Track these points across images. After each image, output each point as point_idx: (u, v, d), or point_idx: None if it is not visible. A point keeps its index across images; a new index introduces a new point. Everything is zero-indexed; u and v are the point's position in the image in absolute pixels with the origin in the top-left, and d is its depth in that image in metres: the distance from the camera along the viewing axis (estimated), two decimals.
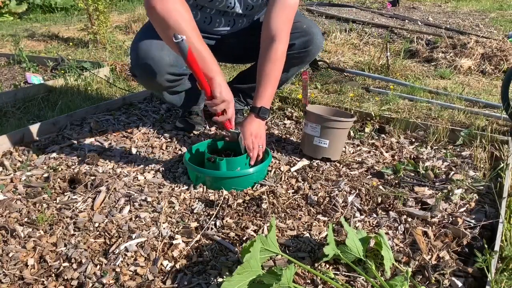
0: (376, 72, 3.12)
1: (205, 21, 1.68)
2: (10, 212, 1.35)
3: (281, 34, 1.53)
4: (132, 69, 1.63)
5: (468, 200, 1.43)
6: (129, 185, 1.51)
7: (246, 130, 1.55)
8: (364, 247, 1.13)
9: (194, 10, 1.65)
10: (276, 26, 1.53)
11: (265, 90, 1.57)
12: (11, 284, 1.07)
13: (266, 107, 1.57)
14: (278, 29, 1.53)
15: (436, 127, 1.92)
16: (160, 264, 1.14)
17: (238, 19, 1.71)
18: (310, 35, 1.71)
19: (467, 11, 6.25)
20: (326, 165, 1.69)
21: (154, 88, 1.73)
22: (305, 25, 1.71)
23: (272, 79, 1.56)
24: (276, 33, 1.53)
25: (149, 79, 1.60)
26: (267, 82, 1.56)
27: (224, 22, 1.70)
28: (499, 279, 1.02)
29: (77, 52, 3.76)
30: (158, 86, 1.65)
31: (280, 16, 1.53)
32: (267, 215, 1.35)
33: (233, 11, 1.64)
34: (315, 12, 5.30)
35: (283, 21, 1.54)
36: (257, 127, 1.57)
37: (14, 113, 2.23)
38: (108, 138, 1.91)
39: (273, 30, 1.53)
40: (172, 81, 1.64)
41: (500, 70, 3.23)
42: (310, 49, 1.74)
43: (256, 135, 1.56)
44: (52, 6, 6.39)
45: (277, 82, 1.60)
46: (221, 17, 1.67)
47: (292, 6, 1.54)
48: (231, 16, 1.67)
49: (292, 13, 1.56)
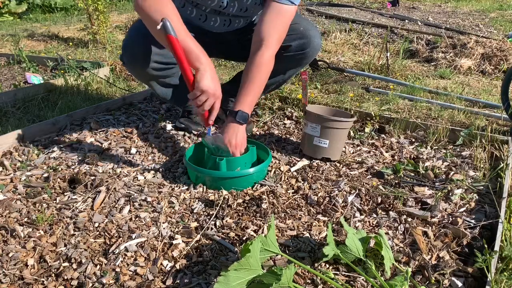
0: (376, 72, 3.12)
1: (200, 19, 1.69)
2: (10, 212, 1.35)
3: (269, 40, 1.51)
4: (121, 56, 1.65)
5: (468, 200, 1.43)
6: (129, 185, 1.51)
7: (224, 137, 1.52)
8: (364, 247, 1.13)
9: (189, 7, 1.66)
10: (265, 31, 1.50)
11: (245, 94, 1.53)
12: (11, 284, 1.07)
13: (244, 111, 1.51)
14: (267, 34, 1.50)
15: (436, 127, 1.92)
16: (160, 264, 1.14)
17: (234, 19, 1.71)
18: (307, 38, 1.69)
19: (467, 11, 6.25)
20: (326, 165, 1.69)
21: (142, 77, 1.73)
22: (302, 27, 1.69)
23: (254, 84, 1.53)
24: (264, 38, 1.50)
25: (136, 66, 1.63)
26: (249, 86, 1.53)
27: (220, 22, 1.70)
28: (499, 279, 1.02)
29: (77, 52, 3.76)
30: (145, 74, 1.66)
31: (271, 21, 1.51)
32: (267, 215, 1.35)
33: (227, 12, 1.63)
34: (315, 12, 5.29)
35: (274, 27, 1.51)
36: (233, 133, 1.52)
37: (14, 113, 2.23)
38: (108, 138, 1.91)
39: (262, 35, 1.51)
40: (159, 69, 1.65)
41: (500, 70, 3.23)
42: (307, 51, 1.72)
43: (236, 145, 1.52)
44: (52, 6, 6.39)
45: (261, 87, 1.56)
46: (216, 16, 1.67)
47: (286, 12, 1.51)
48: (227, 16, 1.67)
49: (286, 19, 1.53)
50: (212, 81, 1.36)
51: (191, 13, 1.67)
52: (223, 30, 1.75)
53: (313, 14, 5.25)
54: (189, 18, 1.70)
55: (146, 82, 1.76)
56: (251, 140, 1.66)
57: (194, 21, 1.70)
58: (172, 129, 2.02)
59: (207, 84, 1.35)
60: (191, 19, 1.70)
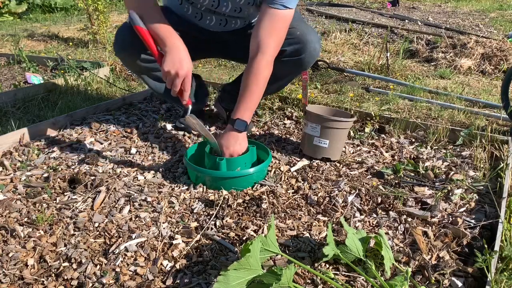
0: (376, 72, 3.12)
1: (196, 16, 1.69)
2: (10, 212, 1.35)
3: (265, 46, 1.49)
4: (113, 47, 1.68)
5: (468, 200, 1.43)
6: (129, 185, 1.51)
7: (222, 144, 1.53)
8: (364, 247, 1.13)
9: (186, 4, 1.66)
10: (261, 38, 1.49)
11: (244, 102, 1.53)
12: (11, 284, 1.07)
13: (242, 119, 1.52)
14: (263, 40, 1.49)
15: (436, 127, 1.92)
16: (160, 264, 1.14)
17: (231, 20, 1.70)
18: (303, 43, 1.64)
19: (467, 11, 6.25)
20: (326, 165, 1.69)
21: (133, 68, 1.75)
22: (299, 31, 1.64)
23: (252, 91, 1.52)
24: (260, 45, 1.49)
25: (125, 56, 1.67)
26: (247, 94, 1.53)
27: (216, 21, 1.69)
28: (499, 279, 1.02)
29: (77, 52, 3.76)
30: (136, 65, 1.69)
31: (267, 27, 1.49)
32: (267, 215, 1.35)
33: (221, 11, 1.63)
34: (315, 12, 5.30)
35: (269, 33, 1.49)
36: (232, 140, 1.53)
37: (14, 113, 2.23)
38: (108, 138, 1.91)
39: (258, 42, 1.49)
40: (149, 61, 1.66)
41: (500, 70, 3.23)
42: (303, 57, 1.67)
43: (233, 152, 1.53)
44: (52, 6, 6.40)
45: (260, 94, 1.55)
46: (212, 15, 1.67)
47: (282, 17, 1.49)
48: (222, 15, 1.67)
49: (282, 24, 1.51)
50: (172, 61, 1.38)
51: (187, 10, 1.68)
52: (219, 30, 1.75)
53: (313, 14, 5.25)
54: (186, 16, 1.70)
55: (138, 74, 1.78)
56: (251, 140, 1.66)
57: (191, 19, 1.71)
58: (172, 129, 2.02)
59: (166, 66, 1.38)
60: (188, 16, 1.70)
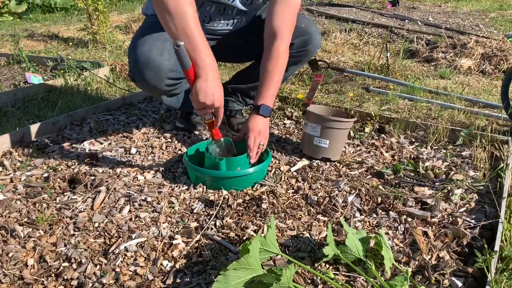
0: (376, 72, 3.12)
1: (204, 20, 1.68)
2: (10, 212, 1.34)
3: (282, 31, 1.53)
4: (132, 75, 1.58)
5: (468, 200, 1.43)
6: (129, 185, 1.51)
7: (251, 128, 1.55)
8: (364, 247, 1.13)
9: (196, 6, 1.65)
10: (277, 24, 1.53)
11: (266, 88, 1.56)
12: (11, 284, 1.07)
13: (266, 105, 1.56)
14: (280, 26, 1.53)
15: (436, 127, 1.92)
16: (160, 264, 1.14)
17: (237, 18, 1.71)
18: (308, 35, 1.72)
19: (467, 11, 6.25)
20: (326, 165, 1.69)
21: (153, 93, 1.71)
22: (303, 24, 1.71)
23: (273, 77, 1.56)
24: (277, 31, 1.53)
25: (149, 86, 1.57)
26: (269, 80, 1.56)
27: (223, 22, 1.70)
28: (499, 279, 1.02)
29: (77, 52, 3.76)
30: (157, 91, 1.63)
31: (282, 13, 1.53)
32: (267, 215, 1.35)
33: (233, 7, 1.63)
34: (315, 12, 5.29)
35: (285, 18, 1.53)
36: (261, 124, 1.57)
37: (14, 113, 2.23)
38: (108, 138, 1.91)
39: (275, 28, 1.53)
40: (171, 85, 1.63)
41: (500, 70, 3.23)
42: (309, 48, 1.75)
43: (259, 132, 1.56)
44: (52, 6, 6.40)
45: (280, 79, 1.59)
46: (220, 16, 1.67)
47: (293, 3, 1.54)
48: (230, 15, 1.67)
49: (295, 10, 1.55)
50: (206, 91, 1.30)
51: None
52: (226, 31, 1.75)
53: (313, 14, 5.24)
54: None
55: (155, 95, 1.75)
56: None
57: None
58: (172, 129, 2.02)
59: (201, 97, 1.30)
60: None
